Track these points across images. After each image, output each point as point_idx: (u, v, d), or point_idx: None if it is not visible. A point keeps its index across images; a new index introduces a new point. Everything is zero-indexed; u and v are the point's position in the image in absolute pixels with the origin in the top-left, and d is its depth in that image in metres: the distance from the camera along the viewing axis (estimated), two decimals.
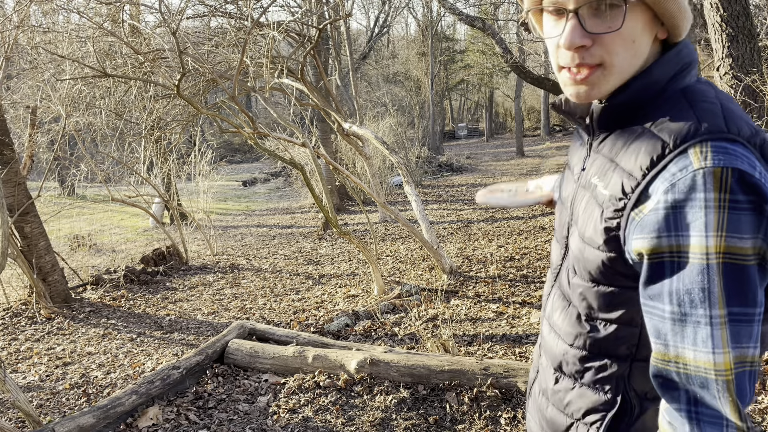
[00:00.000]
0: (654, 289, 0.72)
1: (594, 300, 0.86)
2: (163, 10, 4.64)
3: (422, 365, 3.09)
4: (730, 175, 0.67)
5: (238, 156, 22.82)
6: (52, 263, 5.52)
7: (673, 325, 0.70)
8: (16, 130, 7.13)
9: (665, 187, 0.70)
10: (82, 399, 3.49)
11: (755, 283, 0.67)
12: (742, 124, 0.72)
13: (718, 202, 0.66)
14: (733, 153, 0.68)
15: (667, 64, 0.79)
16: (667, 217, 0.69)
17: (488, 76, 21.22)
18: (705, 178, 0.67)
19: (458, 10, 6.53)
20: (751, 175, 0.67)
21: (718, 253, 0.66)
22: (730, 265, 0.66)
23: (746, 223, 0.66)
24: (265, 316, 4.93)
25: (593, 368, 0.89)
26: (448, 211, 9.43)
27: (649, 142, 0.75)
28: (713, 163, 0.68)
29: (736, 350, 0.67)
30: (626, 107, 0.81)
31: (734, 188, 0.66)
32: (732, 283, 0.67)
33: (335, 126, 6.33)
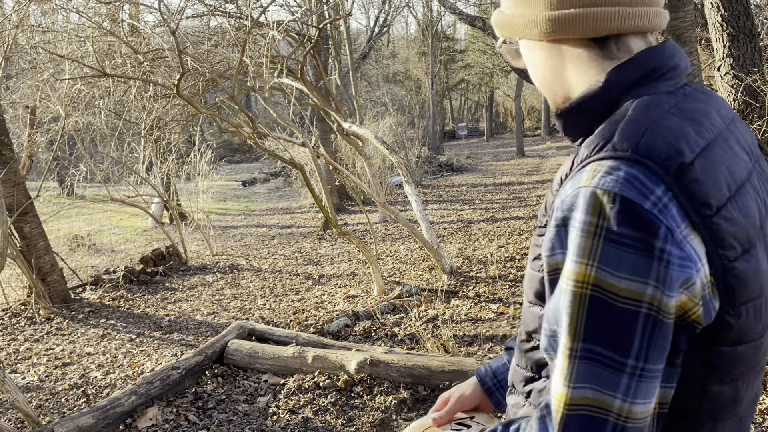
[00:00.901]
0: (546, 305, 0.69)
1: (530, 321, 0.83)
2: (163, 9, 4.63)
3: (422, 366, 3.08)
4: (612, 200, 0.59)
5: (238, 156, 22.81)
6: (52, 263, 5.51)
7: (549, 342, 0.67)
8: (16, 129, 7.12)
9: (557, 203, 0.66)
10: (81, 399, 3.48)
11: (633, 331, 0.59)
12: (660, 145, 0.62)
13: (594, 228, 0.60)
14: (626, 177, 0.60)
15: (626, 67, 0.71)
16: (552, 235, 0.65)
17: (488, 76, 21.22)
18: (585, 199, 0.61)
19: (458, 9, 6.52)
20: (638, 206, 0.58)
21: (584, 282, 0.60)
22: (598, 299, 0.60)
23: (627, 261, 0.58)
24: (264, 316, 4.92)
25: (536, 389, 0.86)
26: (448, 211, 9.42)
27: (572, 157, 0.72)
28: (596, 184, 0.61)
29: (579, 390, 0.61)
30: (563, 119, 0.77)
31: (614, 217, 0.59)
32: (596, 319, 0.60)
33: (335, 126, 6.32)
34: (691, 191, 0.61)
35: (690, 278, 0.60)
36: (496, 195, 10.69)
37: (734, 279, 0.62)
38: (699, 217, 0.61)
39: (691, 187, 0.61)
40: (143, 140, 7.39)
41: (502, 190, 11.15)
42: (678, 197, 0.60)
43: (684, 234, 0.60)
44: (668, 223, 0.59)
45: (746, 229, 0.64)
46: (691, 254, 0.60)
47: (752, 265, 0.64)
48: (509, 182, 12.20)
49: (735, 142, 0.71)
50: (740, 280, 0.63)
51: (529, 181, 12.08)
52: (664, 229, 0.59)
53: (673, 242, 0.59)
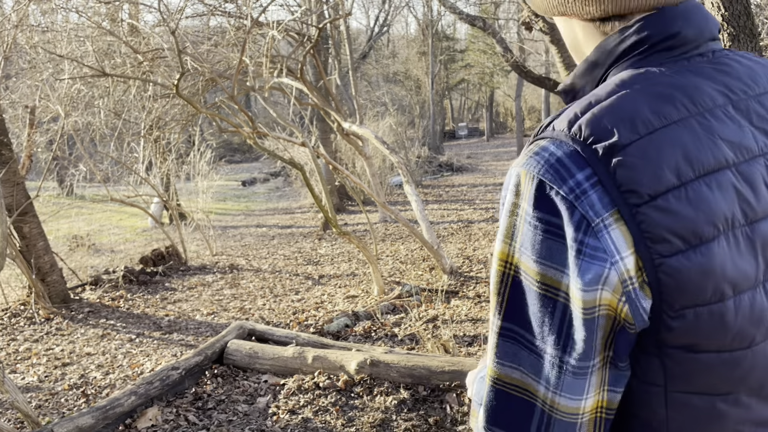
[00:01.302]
0: None
1: None
2: (162, 9, 4.62)
3: (422, 366, 3.08)
4: (531, 182, 0.57)
5: (238, 156, 22.80)
6: (51, 263, 5.50)
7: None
8: (15, 129, 7.11)
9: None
10: (80, 400, 3.47)
11: (551, 320, 0.58)
12: (595, 126, 0.57)
13: (515, 209, 0.59)
14: (549, 158, 0.57)
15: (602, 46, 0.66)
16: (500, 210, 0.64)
17: (489, 76, 21.22)
18: (511, 179, 0.61)
19: (458, 9, 6.51)
20: (554, 190, 0.56)
21: (506, 262, 0.60)
22: (518, 281, 0.59)
23: (544, 246, 0.57)
24: (264, 316, 4.91)
25: None
26: (449, 211, 9.42)
27: None
28: (523, 164, 0.59)
29: (500, 366, 0.61)
30: (564, 95, 0.73)
31: (531, 200, 0.57)
32: (516, 300, 0.60)
33: (335, 125, 6.31)
34: (618, 177, 0.55)
35: (602, 272, 0.55)
36: (497, 195, 10.68)
37: (667, 277, 0.55)
38: (625, 205, 0.55)
39: (618, 172, 0.55)
40: (143, 140, 7.39)
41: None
42: (604, 183, 0.55)
43: (606, 223, 0.55)
44: (584, 210, 0.55)
45: (695, 223, 0.55)
46: (608, 245, 0.55)
47: (698, 263, 0.55)
48: None
49: (733, 121, 0.60)
50: (677, 279, 0.55)
51: None
52: (578, 217, 0.55)
53: (588, 231, 0.55)
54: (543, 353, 0.59)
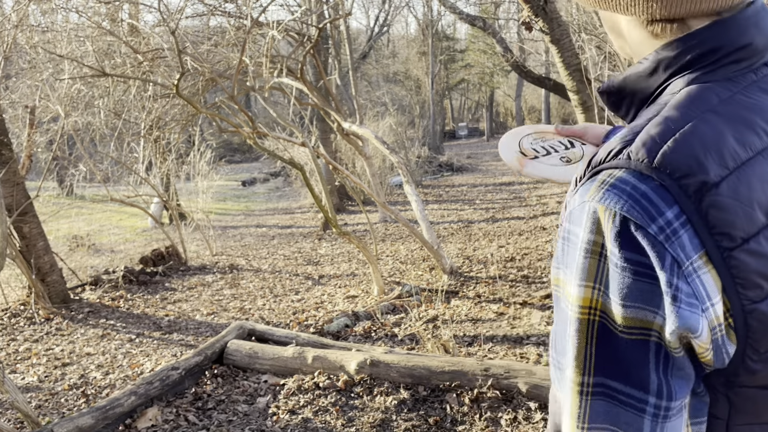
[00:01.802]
0: (553, 326, 0.63)
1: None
2: (162, 9, 4.62)
3: (422, 366, 3.08)
4: (614, 220, 0.52)
5: (238, 156, 22.81)
6: (51, 263, 5.50)
7: (555, 372, 0.60)
8: (15, 129, 7.11)
9: (566, 214, 0.59)
10: (80, 400, 3.47)
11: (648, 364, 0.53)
12: (684, 158, 0.52)
13: (598, 248, 0.53)
14: (634, 194, 0.52)
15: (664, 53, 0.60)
16: (563, 248, 0.58)
17: (489, 76, 21.22)
18: (588, 216, 0.54)
19: (459, 9, 6.51)
20: (641, 229, 0.51)
21: (590, 308, 0.54)
22: (607, 328, 0.54)
23: (633, 288, 0.52)
24: (264, 316, 4.91)
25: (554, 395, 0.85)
26: (449, 211, 9.42)
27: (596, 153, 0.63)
28: (601, 199, 0.53)
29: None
30: (605, 98, 0.67)
31: (615, 238, 0.52)
32: (608, 350, 0.54)
33: (335, 125, 6.31)
34: (710, 218, 0.51)
35: (698, 321, 0.51)
36: (497, 195, 10.68)
37: (757, 323, 0.52)
38: (716, 249, 0.51)
39: (710, 213, 0.51)
40: (143, 140, 7.39)
41: (503, 190, 11.15)
42: (693, 223, 0.51)
43: (695, 266, 0.51)
44: (675, 252, 0.51)
45: None
46: (698, 291, 0.51)
47: None
48: (509, 182, 12.19)
49: None
50: (766, 324, 0.52)
51: (529, 181, 12.08)
52: (670, 260, 0.51)
53: (679, 275, 0.51)
54: (645, 404, 0.53)
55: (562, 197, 9.35)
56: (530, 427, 2.64)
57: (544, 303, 4.42)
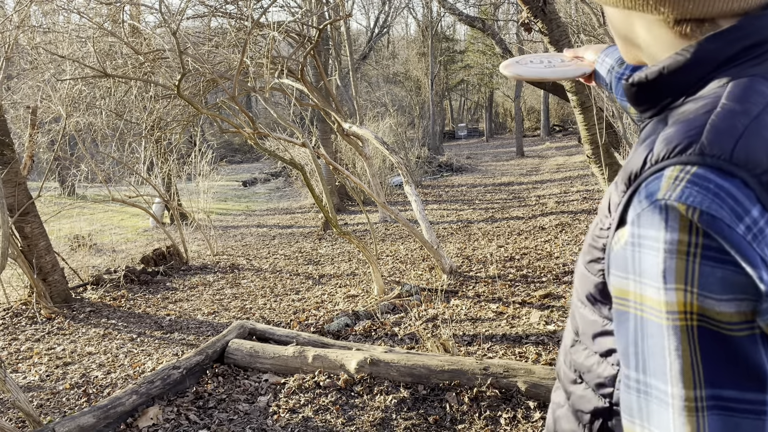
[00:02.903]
0: (620, 343, 0.57)
1: (580, 322, 0.76)
2: (164, 10, 4.65)
3: (422, 365, 3.10)
4: (700, 217, 0.49)
5: (239, 156, 22.83)
6: (53, 263, 5.52)
7: (638, 397, 0.54)
8: (17, 130, 7.14)
9: (632, 216, 0.55)
10: (82, 399, 3.49)
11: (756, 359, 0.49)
12: (759, 153, 0.51)
13: (685, 248, 0.50)
14: (717, 191, 0.50)
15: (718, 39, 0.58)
16: (632, 255, 0.54)
17: (488, 77, 21.24)
18: (665, 214, 0.51)
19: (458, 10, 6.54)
20: (728, 228, 0.49)
21: (686, 312, 0.50)
22: (709, 331, 0.50)
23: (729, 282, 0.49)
24: (265, 316, 4.93)
25: (575, 394, 0.79)
26: (448, 211, 9.43)
27: (645, 148, 0.58)
28: (679, 197, 0.50)
29: None
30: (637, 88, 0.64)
31: (702, 236, 0.49)
32: (715, 355, 0.49)
33: (335, 126, 6.33)
34: None
35: None
36: (496, 195, 10.70)
37: None
38: None
39: None
40: (144, 140, 7.41)
41: (502, 191, 11.17)
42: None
43: None
44: (762, 252, 0.49)
45: None
46: None
47: None
48: (509, 182, 12.21)
49: None
50: None
51: (529, 181, 12.10)
52: (758, 258, 0.49)
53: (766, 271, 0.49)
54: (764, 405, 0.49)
55: (561, 197, 9.37)
56: (529, 426, 2.65)
57: (543, 302, 4.44)
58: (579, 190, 9.85)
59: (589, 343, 0.76)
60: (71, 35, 5.64)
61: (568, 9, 7.05)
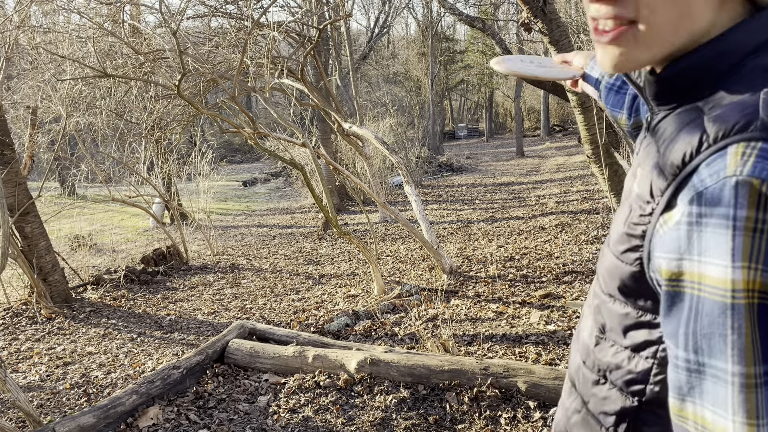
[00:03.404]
0: (671, 325, 0.58)
1: (607, 317, 0.75)
2: (164, 10, 4.65)
3: (422, 365, 3.10)
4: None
5: (239, 156, 22.84)
6: (53, 263, 5.52)
7: (689, 376, 0.55)
8: (17, 130, 7.14)
9: (690, 196, 0.55)
10: (82, 399, 3.49)
11: None
12: None
13: (753, 224, 0.50)
14: None
15: (748, 30, 0.59)
16: (689, 235, 0.54)
17: (488, 77, 21.24)
18: (737, 190, 0.51)
19: (458, 10, 6.54)
20: None
21: (749, 290, 0.50)
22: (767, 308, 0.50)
23: None
24: (265, 316, 4.93)
25: (597, 396, 0.77)
26: (448, 211, 9.44)
27: (692, 131, 0.59)
28: (752, 172, 0.51)
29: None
30: (686, 81, 0.63)
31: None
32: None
33: (335, 126, 6.33)
34: None
35: None
36: (496, 195, 10.70)
37: None
38: None
39: None
40: (144, 140, 7.41)
41: (502, 190, 11.17)
42: None
43: None
44: None
45: None
46: None
47: None
48: (509, 182, 12.21)
49: None
50: None
51: (529, 181, 12.10)
52: None
53: None
54: None
55: (561, 197, 9.37)
56: (529, 426, 2.66)
57: (543, 302, 4.44)
58: (579, 190, 9.85)
59: (618, 339, 0.74)
60: (71, 35, 5.64)
61: (568, 9, 7.05)
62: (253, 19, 4.70)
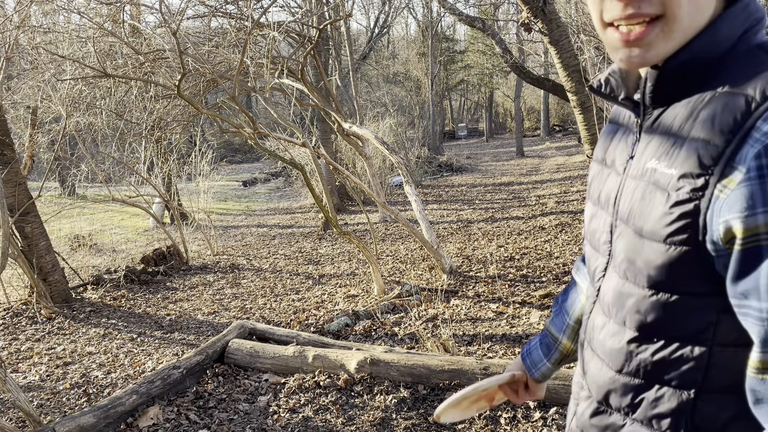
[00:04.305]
0: (748, 282, 0.59)
1: (651, 312, 0.72)
2: (164, 10, 4.65)
3: (422, 365, 3.10)
4: None
5: (239, 156, 22.84)
6: (53, 263, 5.53)
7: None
8: (17, 130, 7.14)
9: (756, 150, 0.58)
10: (82, 399, 3.50)
11: None
12: None
13: None
14: None
15: (735, 19, 0.66)
16: (763, 188, 0.56)
17: (488, 77, 21.23)
18: None
19: (458, 10, 6.54)
20: None
21: None
22: None
23: None
24: (265, 315, 4.93)
25: (648, 400, 0.75)
26: (448, 211, 9.44)
27: (729, 101, 0.62)
28: None
29: None
30: (687, 71, 0.67)
31: None
32: None
33: (335, 126, 6.33)
34: None
35: None
36: (496, 195, 10.70)
37: None
38: None
39: None
40: (144, 140, 7.42)
41: (502, 190, 11.17)
42: None
43: None
44: None
45: None
46: None
47: None
48: (509, 182, 12.21)
49: None
50: None
51: (529, 181, 12.10)
52: None
53: None
54: None
55: (561, 197, 9.37)
56: (529, 426, 2.66)
57: (543, 302, 4.45)
58: (579, 190, 9.86)
59: (667, 331, 0.72)
60: (71, 35, 5.64)
61: (568, 9, 7.05)
62: (253, 19, 4.70)
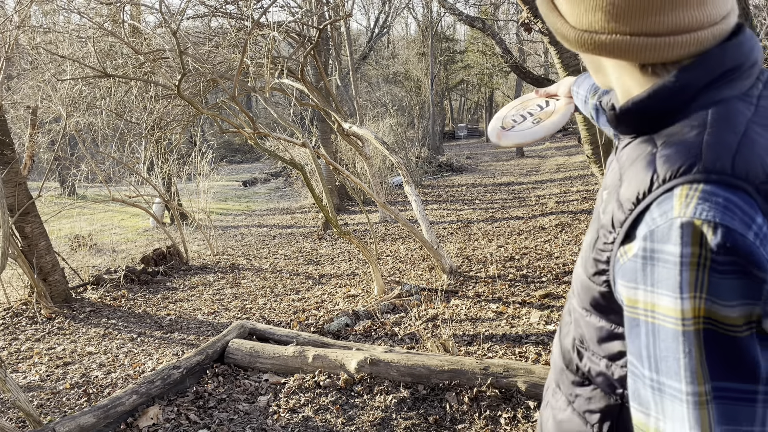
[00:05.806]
0: (634, 346, 0.63)
1: (585, 329, 0.80)
2: (164, 10, 4.65)
3: (422, 365, 3.10)
4: (714, 231, 0.55)
5: (239, 156, 22.84)
6: (53, 263, 5.53)
7: (653, 394, 0.60)
8: (17, 130, 7.14)
9: (644, 232, 0.60)
10: (82, 399, 3.50)
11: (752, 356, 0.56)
12: (755, 165, 0.58)
13: (697, 259, 0.55)
14: (726, 203, 0.56)
15: (700, 69, 0.64)
16: (644, 268, 0.60)
17: (488, 77, 21.23)
18: (682, 230, 0.56)
19: (458, 10, 6.54)
20: (741, 236, 0.55)
21: (696, 318, 0.56)
22: (713, 333, 0.56)
23: (735, 288, 0.55)
24: (265, 315, 4.93)
25: (582, 396, 0.83)
26: (448, 211, 9.44)
27: (645, 168, 0.64)
28: (693, 214, 0.56)
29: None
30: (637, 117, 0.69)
31: (717, 248, 0.55)
32: (718, 354, 0.56)
33: (335, 126, 6.33)
34: None
35: None
36: (496, 195, 10.70)
37: None
38: None
39: None
40: (144, 140, 7.42)
41: (502, 191, 11.17)
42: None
43: None
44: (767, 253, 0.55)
45: None
46: None
47: None
48: (509, 182, 12.21)
49: None
50: None
51: (529, 181, 12.10)
52: (764, 260, 0.55)
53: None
54: (756, 394, 0.56)
55: (561, 197, 9.37)
56: (529, 426, 2.66)
57: (543, 302, 4.45)
58: (579, 190, 9.86)
59: (596, 349, 0.79)
60: (71, 35, 5.64)
61: None
62: (253, 19, 4.70)
